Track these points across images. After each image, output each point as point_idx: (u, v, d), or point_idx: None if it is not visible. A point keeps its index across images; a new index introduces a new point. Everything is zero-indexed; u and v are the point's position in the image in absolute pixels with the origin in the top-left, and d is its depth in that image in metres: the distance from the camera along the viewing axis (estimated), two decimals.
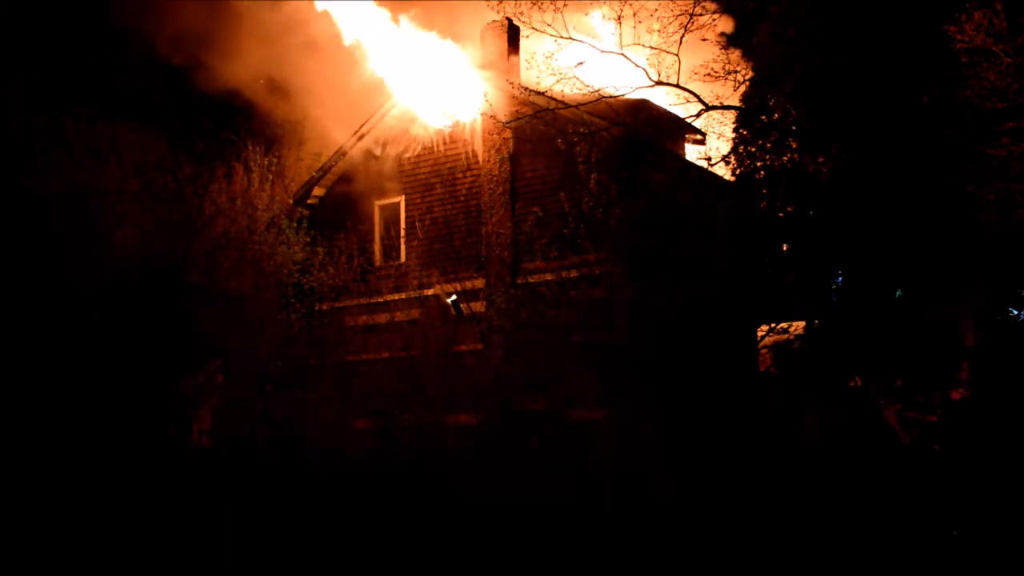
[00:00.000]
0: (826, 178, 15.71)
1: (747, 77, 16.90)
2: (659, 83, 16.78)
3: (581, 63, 17.07)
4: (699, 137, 19.65)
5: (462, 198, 20.73)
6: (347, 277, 20.81)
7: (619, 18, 16.76)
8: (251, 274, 19.52)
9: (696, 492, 15.41)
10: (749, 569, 14.24)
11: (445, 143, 21.07)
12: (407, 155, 21.52)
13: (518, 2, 17.10)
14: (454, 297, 19.81)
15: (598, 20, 18.43)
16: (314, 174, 22.61)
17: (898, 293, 16.10)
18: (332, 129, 22.89)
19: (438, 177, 21.10)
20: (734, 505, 15.03)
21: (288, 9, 22.06)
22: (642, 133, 18.33)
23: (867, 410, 15.91)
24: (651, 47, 16.81)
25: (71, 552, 15.26)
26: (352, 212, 21.77)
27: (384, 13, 21.47)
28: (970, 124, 13.83)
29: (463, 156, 20.78)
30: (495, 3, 17.45)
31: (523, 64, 18.72)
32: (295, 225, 20.73)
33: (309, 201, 22.33)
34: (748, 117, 16.48)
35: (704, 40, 17.96)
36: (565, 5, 17.07)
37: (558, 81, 16.88)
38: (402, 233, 21.43)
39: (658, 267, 16.52)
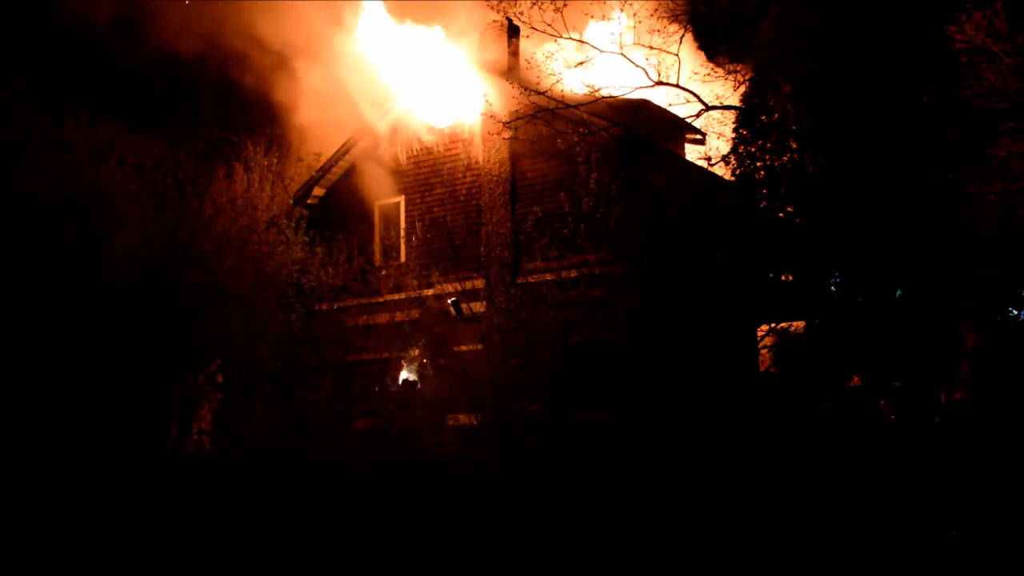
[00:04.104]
0: (826, 178, 15.69)
1: (747, 77, 16.89)
2: (659, 83, 16.78)
3: (581, 63, 17.08)
4: (699, 137, 19.64)
5: (462, 198, 20.73)
6: (347, 277, 20.82)
7: (619, 18, 16.77)
8: (251, 274, 19.52)
9: (698, 493, 15.40)
10: (754, 570, 14.23)
11: (445, 143, 21.07)
12: (407, 155, 21.53)
13: (518, 2, 17.11)
14: (454, 297, 19.80)
15: (598, 20, 18.43)
16: (314, 174, 22.62)
17: (898, 293, 16.08)
18: (332, 129, 22.92)
19: (438, 177, 21.10)
20: (738, 506, 15.02)
21: (290, 9, 22.10)
22: (642, 133, 18.32)
23: (868, 410, 15.90)
24: (651, 47, 16.81)
25: (70, 552, 15.25)
26: (352, 212, 21.77)
27: (385, 13, 21.49)
28: (970, 124, 13.82)
29: (463, 156, 20.78)
30: (495, 3, 17.46)
31: (523, 64, 18.72)
32: (295, 225, 20.74)
33: (309, 201, 22.33)
34: (748, 117, 16.46)
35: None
36: (565, 5, 17.08)
37: (558, 81, 16.88)
38: (402, 233, 21.43)
39: (658, 267, 16.51)
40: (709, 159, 17.25)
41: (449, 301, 19.84)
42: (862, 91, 15.10)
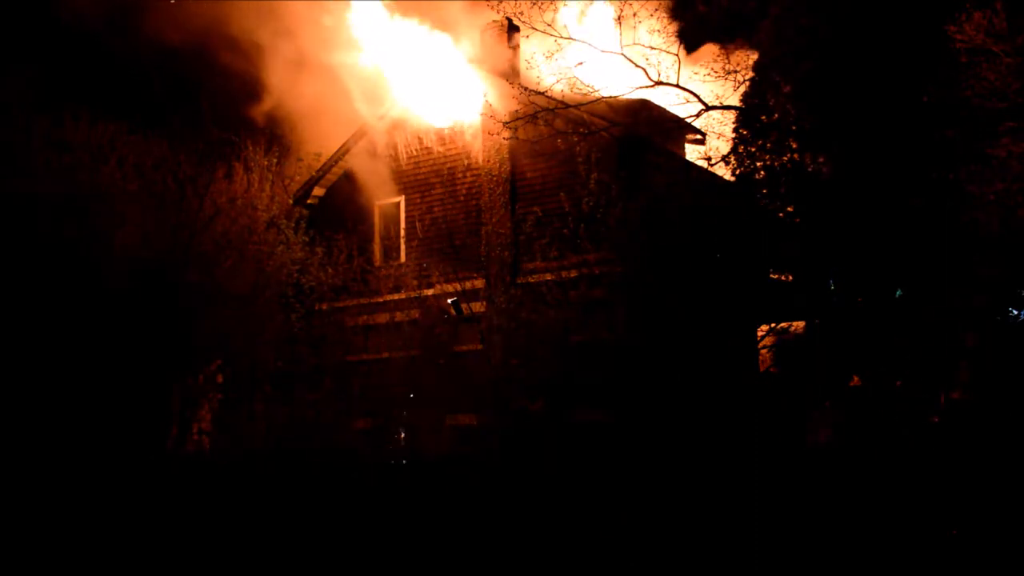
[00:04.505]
0: (826, 178, 15.70)
1: (747, 77, 16.89)
2: (659, 83, 16.78)
3: (581, 63, 17.08)
4: (699, 137, 19.64)
5: (462, 198, 20.73)
6: (347, 277, 20.84)
7: (619, 18, 16.77)
8: (251, 274, 19.53)
9: (699, 492, 15.41)
10: (754, 569, 14.24)
11: (445, 143, 21.07)
12: (407, 155, 21.53)
13: (518, 2, 17.13)
14: (454, 297, 19.80)
15: (598, 20, 18.44)
16: (314, 174, 22.62)
17: (898, 293, 16.09)
18: (332, 129, 22.93)
19: (438, 177, 21.10)
20: (738, 505, 15.03)
21: (291, 8, 22.10)
22: (642, 133, 18.33)
23: (867, 410, 15.91)
24: (651, 47, 16.82)
25: (70, 552, 15.26)
26: (352, 212, 21.78)
27: (385, 13, 21.49)
28: (970, 124, 13.82)
29: (463, 156, 20.77)
30: (495, 3, 17.47)
31: (523, 64, 18.72)
32: (294, 225, 20.75)
33: (309, 201, 22.34)
34: (748, 117, 16.46)
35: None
36: (565, 5, 17.10)
37: (558, 81, 16.88)
38: (402, 233, 21.43)
39: (658, 267, 16.52)
40: (709, 159, 17.26)
41: (449, 301, 19.85)
42: (862, 91, 15.10)
